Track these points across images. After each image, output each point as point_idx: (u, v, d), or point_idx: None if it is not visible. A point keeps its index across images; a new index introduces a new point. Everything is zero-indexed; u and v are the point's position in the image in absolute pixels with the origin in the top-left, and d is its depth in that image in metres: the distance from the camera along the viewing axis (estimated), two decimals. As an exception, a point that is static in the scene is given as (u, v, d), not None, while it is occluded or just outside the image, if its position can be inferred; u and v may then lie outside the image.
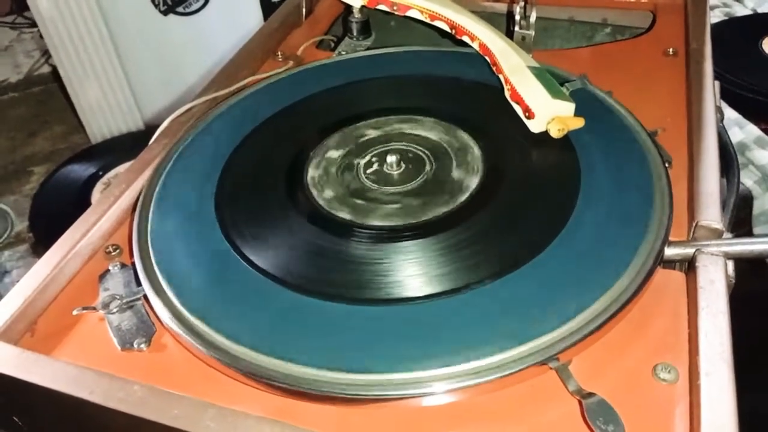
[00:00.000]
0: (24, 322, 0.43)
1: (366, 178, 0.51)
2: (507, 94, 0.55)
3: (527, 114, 0.52)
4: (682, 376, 0.36)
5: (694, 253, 0.41)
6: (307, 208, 0.48)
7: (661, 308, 0.40)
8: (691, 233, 0.44)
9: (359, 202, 0.48)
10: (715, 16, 1.20)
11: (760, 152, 0.85)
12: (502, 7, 0.81)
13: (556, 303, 0.38)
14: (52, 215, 1.03)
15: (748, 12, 1.24)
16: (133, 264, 0.45)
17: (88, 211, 0.50)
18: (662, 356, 0.37)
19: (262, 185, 0.51)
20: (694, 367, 0.35)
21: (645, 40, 0.69)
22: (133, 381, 0.37)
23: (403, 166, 0.51)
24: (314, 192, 0.49)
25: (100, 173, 1.09)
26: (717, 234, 0.43)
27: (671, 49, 0.65)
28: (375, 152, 0.53)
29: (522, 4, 0.68)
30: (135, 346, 0.41)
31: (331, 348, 0.37)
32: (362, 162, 0.52)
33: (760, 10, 1.24)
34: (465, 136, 0.53)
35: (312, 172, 0.51)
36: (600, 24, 0.81)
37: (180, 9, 1.25)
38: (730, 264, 0.41)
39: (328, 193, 0.49)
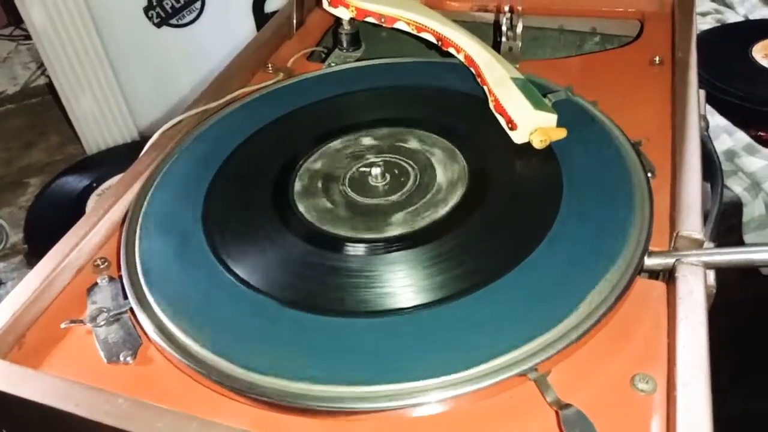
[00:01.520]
0: (13, 335, 0.43)
1: (351, 190, 0.51)
2: (491, 105, 0.55)
3: (510, 125, 0.52)
4: (660, 387, 0.36)
5: (674, 263, 0.42)
6: (293, 221, 0.48)
7: (642, 318, 0.41)
8: (673, 243, 0.44)
9: (345, 214, 0.49)
10: (706, 23, 1.21)
11: (750, 159, 0.85)
12: (491, 18, 0.82)
13: (535, 313, 0.38)
14: (47, 227, 1.04)
15: (739, 19, 1.25)
16: (120, 277, 0.45)
17: (78, 224, 0.50)
18: (641, 366, 0.38)
19: (249, 199, 0.51)
20: (672, 378, 0.36)
21: (632, 49, 0.70)
22: (118, 394, 0.37)
23: (388, 177, 0.51)
24: (300, 205, 0.50)
25: (95, 185, 1.10)
26: (697, 244, 0.43)
27: (657, 58, 0.65)
28: (360, 164, 0.53)
29: (508, 15, 0.69)
30: (121, 359, 0.42)
31: (314, 361, 0.38)
32: (347, 174, 0.53)
33: (751, 17, 1.24)
34: (450, 147, 0.54)
35: (298, 185, 0.52)
36: (589, 33, 0.81)
37: (173, 21, 1.26)
38: (711, 274, 0.41)
39: (314, 206, 0.50)
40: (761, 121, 0.92)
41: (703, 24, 1.19)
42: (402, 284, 0.42)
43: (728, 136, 0.89)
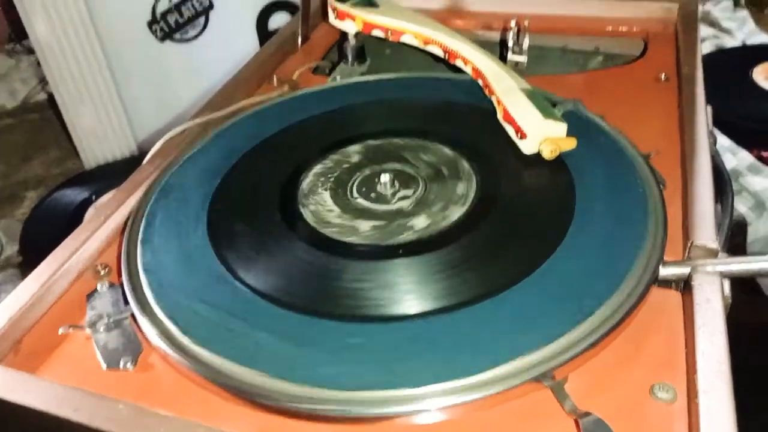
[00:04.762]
0: (9, 341, 0.42)
1: (360, 197, 0.50)
2: (499, 115, 0.55)
3: (519, 134, 0.52)
4: (680, 396, 0.35)
5: (690, 272, 0.41)
6: (299, 227, 0.48)
7: (657, 327, 0.40)
8: (687, 253, 0.43)
9: (352, 220, 0.48)
10: (705, 48, 1.22)
11: (754, 178, 0.86)
12: (496, 36, 0.82)
13: (550, 320, 0.37)
14: (43, 239, 1.03)
15: (737, 44, 1.26)
16: (122, 283, 0.44)
17: (78, 229, 0.50)
18: (660, 375, 0.37)
19: (255, 205, 0.50)
20: (692, 386, 0.35)
21: (637, 67, 0.70)
22: (118, 400, 0.36)
23: (397, 185, 0.51)
24: (307, 211, 0.49)
25: (93, 198, 1.09)
26: (712, 253, 0.42)
27: (663, 75, 0.65)
28: (369, 172, 0.53)
29: (515, 29, 0.69)
30: (121, 365, 0.40)
31: (322, 365, 0.36)
32: (356, 181, 0.52)
33: (749, 43, 1.26)
34: (458, 157, 0.53)
35: (305, 192, 0.51)
36: (592, 52, 0.81)
37: (177, 36, 1.27)
38: (726, 283, 0.41)
39: (321, 212, 0.49)
40: (764, 142, 0.92)
41: (702, 48, 1.21)
42: (414, 289, 0.41)
43: (732, 156, 0.89)
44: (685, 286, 0.41)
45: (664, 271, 0.42)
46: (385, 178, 0.50)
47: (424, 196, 0.50)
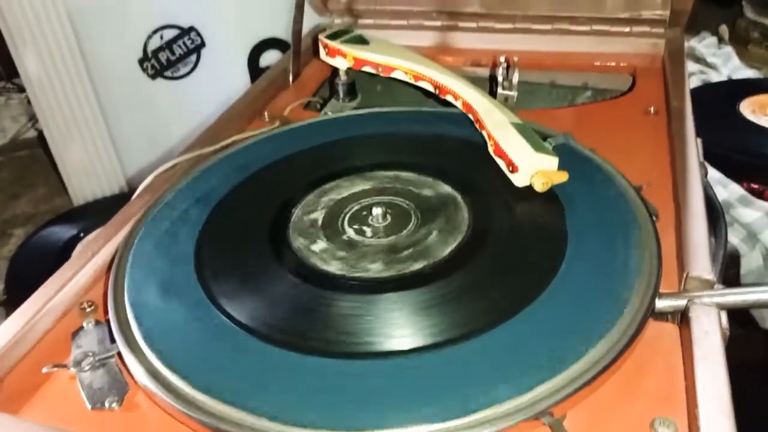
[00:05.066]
0: (-11, 382, 0.41)
1: (351, 230, 0.50)
2: (490, 149, 0.55)
3: (511, 168, 0.52)
4: (681, 430, 0.35)
5: (687, 304, 0.40)
6: (289, 260, 0.47)
7: (655, 361, 0.39)
8: (683, 285, 0.43)
9: (344, 254, 0.47)
10: (692, 83, 1.24)
11: (745, 210, 0.86)
12: (485, 72, 0.83)
13: (546, 356, 0.37)
14: (30, 277, 1.01)
15: (723, 78, 1.28)
16: (108, 321, 0.43)
17: (65, 266, 0.49)
18: (659, 410, 0.36)
19: (244, 239, 0.50)
20: (693, 420, 0.34)
21: (626, 101, 0.70)
22: (102, 442, 0.35)
23: (389, 218, 0.50)
24: (297, 244, 0.49)
25: (81, 235, 1.07)
26: (708, 285, 0.42)
27: (652, 108, 0.66)
28: (361, 205, 0.52)
29: (505, 65, 0.70)
30: (106, 405, 0.39)
31: (314, 404, 0.35)
32: (348, 214, 0.51)
33: (734, 77, 1.28)
34: (450, 190, 0.53)
35: (296, 225, 0.51)
36: (581, 87, 0.82)
37: (168, 73, 1.27)
38: (724, 315, 0.40)
39: (312, 245, 0.48)
40: (753, 174, 0.93)
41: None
42: (405, 326, 0.40)
43: (723, 188, 0.89)
44: (682, 318, 0.41)
45: (661, 304, 0.41)
46: (376, 211, 0.50)
47: (416, 230, 0.49)
